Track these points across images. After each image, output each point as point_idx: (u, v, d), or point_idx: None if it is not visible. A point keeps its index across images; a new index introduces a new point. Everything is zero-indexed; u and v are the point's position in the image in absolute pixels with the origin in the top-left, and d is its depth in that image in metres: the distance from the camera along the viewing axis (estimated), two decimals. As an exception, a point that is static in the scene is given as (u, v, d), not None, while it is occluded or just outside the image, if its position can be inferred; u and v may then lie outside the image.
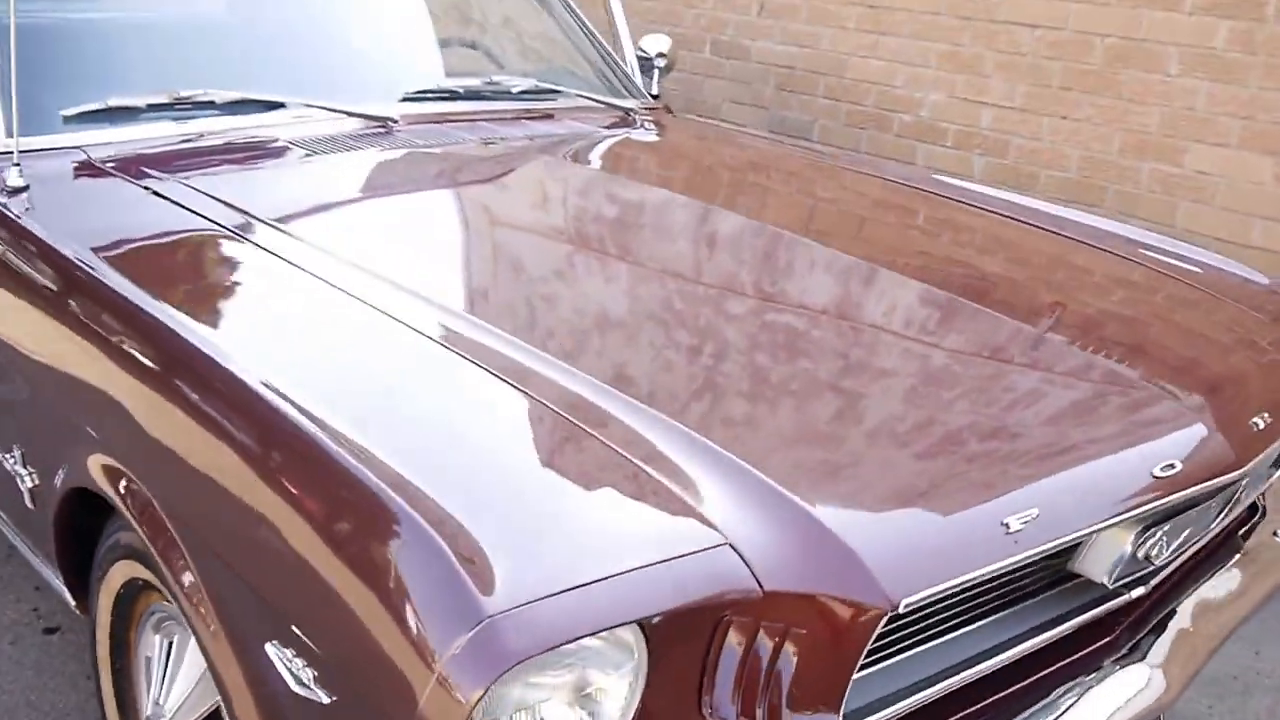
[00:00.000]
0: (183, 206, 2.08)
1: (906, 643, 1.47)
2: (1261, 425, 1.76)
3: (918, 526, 1.38)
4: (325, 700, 1.26)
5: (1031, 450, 1.56)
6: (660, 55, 3.81)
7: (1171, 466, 1.58)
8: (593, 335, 1.78)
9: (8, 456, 2.08)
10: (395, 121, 2.64)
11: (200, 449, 1.49)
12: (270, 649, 1.32)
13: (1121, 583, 1.65)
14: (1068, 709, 1.59)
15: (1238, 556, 2.00)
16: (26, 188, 2.14)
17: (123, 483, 1.64)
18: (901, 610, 1.27)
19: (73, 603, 1.99)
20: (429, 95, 2.81)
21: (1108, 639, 1.70)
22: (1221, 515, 1.80)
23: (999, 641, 1.55)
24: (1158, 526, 1.59)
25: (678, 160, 2.96)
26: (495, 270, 2.08)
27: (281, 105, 2.55)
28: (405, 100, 2.76)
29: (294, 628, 1.29)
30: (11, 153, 2.18)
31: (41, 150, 2.27)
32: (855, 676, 1.33)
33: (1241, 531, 2.05)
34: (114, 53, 2.57)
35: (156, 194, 2.14)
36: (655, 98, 3.69)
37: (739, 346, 1.78)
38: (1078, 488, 1.51)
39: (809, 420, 1.57)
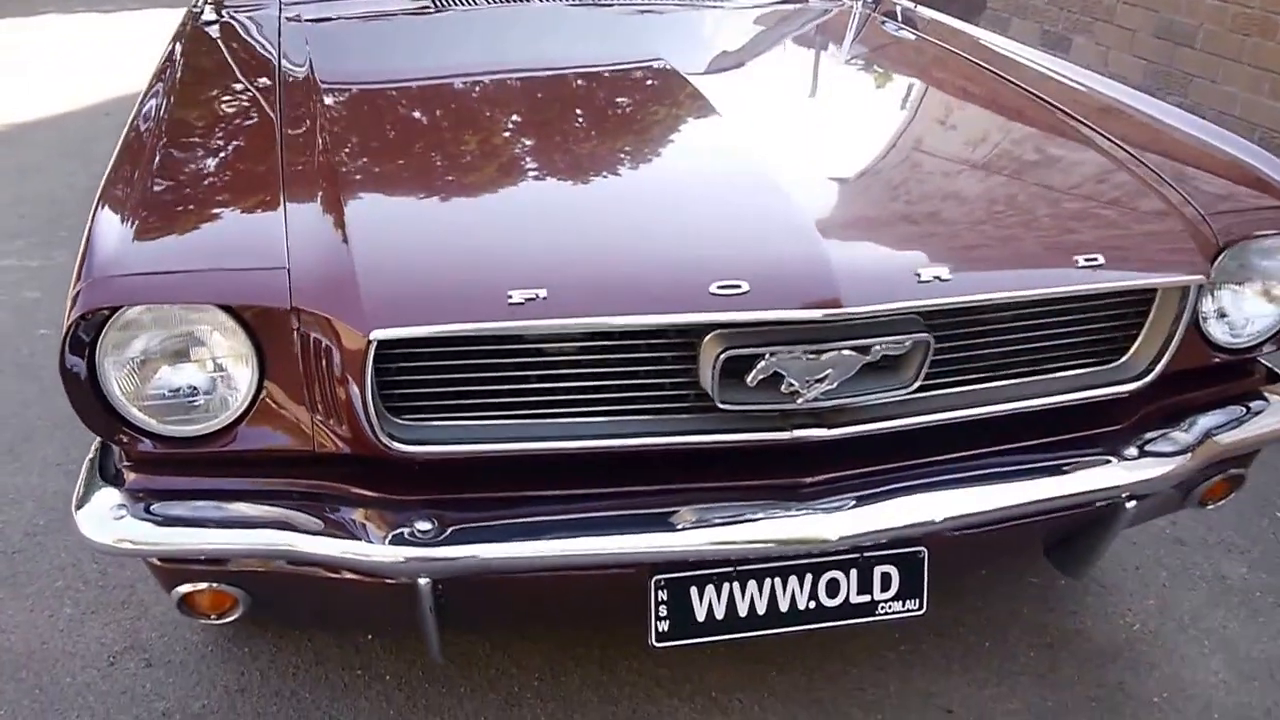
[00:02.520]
0: (267, 46, 2.60)
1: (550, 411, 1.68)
2: (925, 278, 1.62)
3: (429, 279, 1.62)
4: None
5: (576, 240, 1.71)
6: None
7: (736, 287, 1.57)
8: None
9: None
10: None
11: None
12: None
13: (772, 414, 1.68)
14: (707, 520, 1.68)
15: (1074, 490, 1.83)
16: (215, 21, 2.86)
17: None
18: (374, 339, 1.52)
19: None
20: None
21: (782, 480, 1.72)
22: (918, 376, 1.67)
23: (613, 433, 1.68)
24: (755, 351, 1.58)
25: (794, 37, 2.95)
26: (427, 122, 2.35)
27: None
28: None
29: None
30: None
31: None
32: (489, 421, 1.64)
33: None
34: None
35: (273, 38, 2.68)
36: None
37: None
38: (604, 281, 1.60)
39: (433, 185, 1.94)
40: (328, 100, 2.22)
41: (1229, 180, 2.04)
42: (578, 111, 2.26)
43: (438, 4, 2.87)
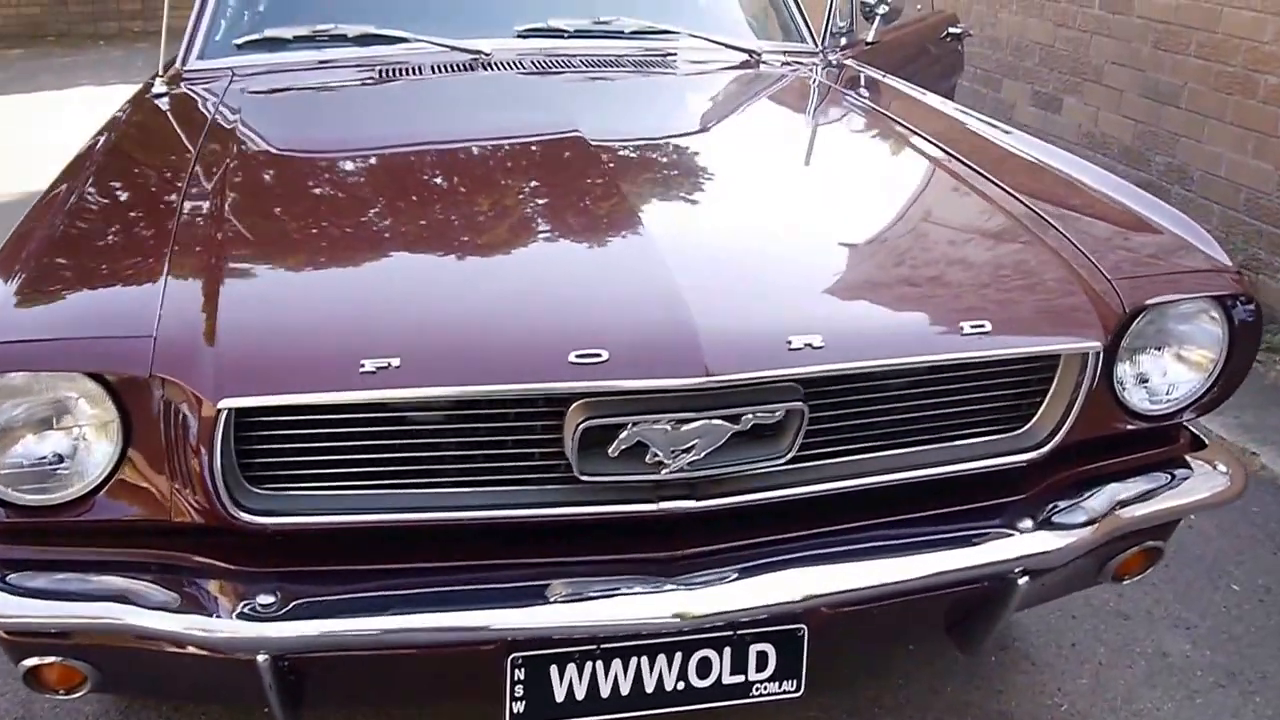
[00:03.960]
0: (199, 118, 2.62)
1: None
2: (796, 345, 1.57)
3: (286, 349, 1.61)
4: None
5: (435, 310, 1.69)
6: (882, 1, 3.73)
7: (595, 356, 1.53)
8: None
9: None
10: (488, 55, 3.01)
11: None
12: None
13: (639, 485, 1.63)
14: (568, 595, 1.62)
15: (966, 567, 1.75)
16: (163, 94, 2.89)
17: None
18: (223, 409, 1.50)
19: None
20: (537, 33, 3.13)
21: (647, 555, 1.66)
22: (793, 445, 1.62)
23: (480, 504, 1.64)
24: (617, 421, 1.55)
25: (722, 105, 2.94)
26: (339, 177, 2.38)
27: (403, 40, 3.06)
28: (518, 37, 3.12)
29: None
30: (178, 69, 2.98)
31: (211, 70, 3.02)
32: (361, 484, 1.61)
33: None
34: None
35: (210, 110, 2.72)
36: (872, 44, 3.67)
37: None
38: (458, 350, 1.58)
39: (313, 256, 1.93)
40: (237, 172, 2.21)
41: (1142, 244, 1.99)
42: (473, 184, 2.25)
43: (382, 75, 2.89)
